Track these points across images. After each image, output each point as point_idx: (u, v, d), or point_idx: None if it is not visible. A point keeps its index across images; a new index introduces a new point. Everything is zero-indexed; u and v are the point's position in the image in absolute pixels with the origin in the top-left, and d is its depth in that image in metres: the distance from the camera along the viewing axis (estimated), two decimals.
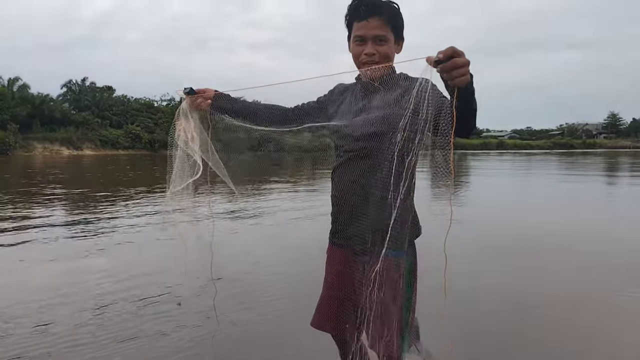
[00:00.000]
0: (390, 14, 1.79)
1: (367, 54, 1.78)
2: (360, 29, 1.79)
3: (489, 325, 3.49)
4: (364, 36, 1.79)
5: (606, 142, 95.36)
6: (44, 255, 5.60)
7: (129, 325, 3.42)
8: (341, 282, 1.89)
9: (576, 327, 3.51)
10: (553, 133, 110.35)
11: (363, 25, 1.78)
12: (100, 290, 4.21)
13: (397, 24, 1.82)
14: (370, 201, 1.71)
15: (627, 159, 39.66)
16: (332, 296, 1.95)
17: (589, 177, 20.11)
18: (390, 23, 1.79)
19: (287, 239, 6.78)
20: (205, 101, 1.96)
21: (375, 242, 1.60)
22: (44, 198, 11.13)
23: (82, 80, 61.53)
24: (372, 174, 1.70)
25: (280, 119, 2.00)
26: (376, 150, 1.69)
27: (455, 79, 1.36)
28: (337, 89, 2.02)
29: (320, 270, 2.10)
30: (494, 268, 5.12)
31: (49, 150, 50.02)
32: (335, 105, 1.96)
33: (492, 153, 61.12)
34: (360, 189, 1.76)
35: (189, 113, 1.96)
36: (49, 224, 7.64)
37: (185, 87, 1.95)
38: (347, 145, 1.82)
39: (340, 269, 1.90)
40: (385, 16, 1.77)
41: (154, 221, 7.97)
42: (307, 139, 2.00)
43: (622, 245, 6.34)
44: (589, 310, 3.87)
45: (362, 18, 1.78)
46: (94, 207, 9.66)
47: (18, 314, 3.62)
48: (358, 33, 1.80)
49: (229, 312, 3.63)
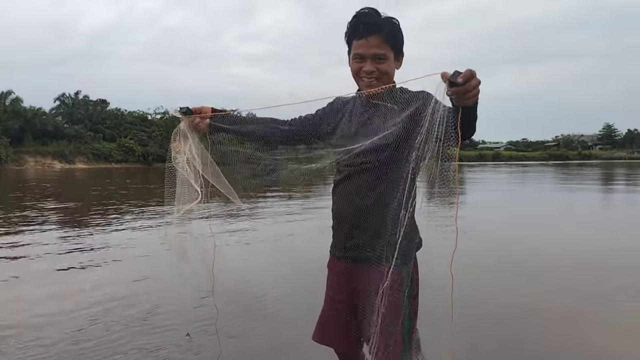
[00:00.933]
0: (390, 31, 1.78)
1: (367, 71, 1.79)
2: (359, 47, 1.79)
3: (490, 336, 3.50)
4: (363, 54, 1.79)
5: (601, 153, 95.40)
6: (36, 273, 5.42)
7: (125, 341, 3.35)
8: (341, 295, 1.91)
9: (575, 340, 3.44)
10: (549, 144, 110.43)
11: (362, 43, 1.78)
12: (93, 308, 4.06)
13: (397, 41, 1.82)
14: (371, 216, 1.74)
15: (623, 170, 39.43)
16: (333, 309, 1.96)
17: (585, 188, 19.81)
18: (390, 41, 1.78)
19: (286, 252, 6.67)
20: (203, 121, 1.93)
21: (377, 255, 1.65)
22: (34, 213, 10.83)
23: (76, 94, 61.33)
24: (373, 189, 1.73)
25: (279, 134, 2.00)
26: (379, 165, 1.71)
27: (466, 100, 1.37)
28: (336, 103, 2.00)
29: (318, 282, 2.16)
30: (494, 278, 5.14)
31: (40, 163, 49.59)
32: (334, 120, 1.95)
33: (488, 165, 60.97)
34: (361, 202, 1.78)
35: (188, 134, 1.93)
36: (39, 243, 7.27)
37: (182, 107, 1.91)
38: (349, 159, 1.81)
39: (340, 282, 1.92)
40: (384, 34, 1.76)
41: (151, 238, 7.70)
42: (301, 152, 2.00)
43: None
44: (592, 324, 3.79)
45: (361, 36, 1.77)
46: (86, 224, 9.31)
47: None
48: (357, 51, 1.80)
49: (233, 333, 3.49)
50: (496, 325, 3.71)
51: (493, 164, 63.23)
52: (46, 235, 7.85)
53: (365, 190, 1.77)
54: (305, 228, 8.49)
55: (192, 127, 1.94)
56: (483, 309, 3.99)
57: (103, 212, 11.20)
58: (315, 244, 6.27)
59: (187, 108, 1.92)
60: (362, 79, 1.83)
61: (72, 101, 60.57)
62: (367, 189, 1.76)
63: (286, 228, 8.55)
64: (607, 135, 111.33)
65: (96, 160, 54.46)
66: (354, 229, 1.82)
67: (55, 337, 3.43)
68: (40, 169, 46.53)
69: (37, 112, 54.55)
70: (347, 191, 1.84)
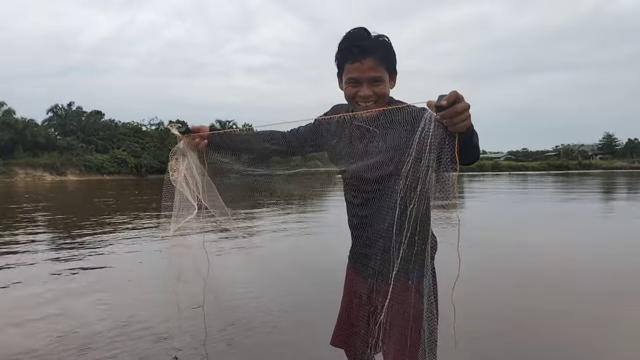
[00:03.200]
0: (383, 52, 1.71)
1: (363, 96, 1.72)
2: (353, 71, 1.72)
3: (494, 345, 3.55)
4: (358, 78, 1.72)
5: (602, 163, 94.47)
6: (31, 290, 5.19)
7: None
8: (355, 301, 1.93)
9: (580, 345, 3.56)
10: (549, 154, 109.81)
11: (356, 67, 1.70)
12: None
13: (390, 60, 1.75)
14: (379, 239, 1.71)
15: (623, 179, 38.76)
16: (347, 315, 1.99)
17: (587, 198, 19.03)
18: (384, 62, 1.71)
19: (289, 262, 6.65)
20: (202, 140, 1.94)
21: (382, 271, 1.67)
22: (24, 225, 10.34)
23: (69, 105, 60.82)
24: (379, 215, 1.70)
25: (269, 152, 2.05)
26: (380, 194, 1.69)
27: (457, 125, 1.34)
28: (336, 112, 1.94)
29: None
30: (496, 288, 5.15)
31: (31, 175, 49.03)
32: (333, 136, 1.92)
33: (487, 175, 60.42)
34: (368, 226, 1.79)
35: (187, 152, 1.94)
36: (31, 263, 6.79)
37: (180, 126, 1.92)
38: (355, 187, 1.83)
39: (355, 288, 1.94)
40: (378, 56, 1.69)
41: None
42: (297, 162, 2.04)
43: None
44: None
45: (355, 59, 1.70)
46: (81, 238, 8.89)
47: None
48: (352, 75, 1.72)
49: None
50: (498, 332, 3.80)
51: (487, 175, 62.53)
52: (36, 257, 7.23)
53: (371, 218, 1.76)
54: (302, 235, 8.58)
55: (192, 146, 1.95)
56: (487, 318, 4.09)
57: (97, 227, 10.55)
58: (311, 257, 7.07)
59: (186, 127, 1.92)
60: (358, 103, 1.75)
61: (65, 112, 59.96)
62: (372, 217, 1.76)
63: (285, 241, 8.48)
64: (608, 145, 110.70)
65: (88, 172, 53.86)
66: (362, 243, 1.84)
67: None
68: (31, 181, 45.93)
69: (28, 123, 53.97)
70: (354, 211, 1.87)
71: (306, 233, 9.27)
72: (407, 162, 1.48)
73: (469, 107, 1.33)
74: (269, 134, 2.07)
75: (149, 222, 11.33)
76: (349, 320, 1.95)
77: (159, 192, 1.95)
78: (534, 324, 3.98)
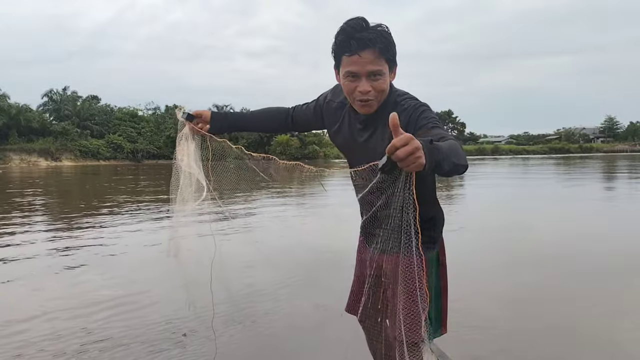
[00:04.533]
0: (383, 44, 1.61)
1: (362, 91, 1.65)
2: (351, 64, 1.64)
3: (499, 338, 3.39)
4: (357, 72, 1.64)
5: (603, 146, 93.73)
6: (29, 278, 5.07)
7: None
8: (363, 269, 1.95)
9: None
10: (550, 138, 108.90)
11: (355, 60, 1.62)
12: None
13: (391, 52, 1.66)
14: (379, 219, 1.67)
15: (624, 162, 38.29)
16: (358, 283, 2.03)
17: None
18: (384, 54, 1.62)
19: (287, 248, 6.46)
20: (205, 125, 2.01)
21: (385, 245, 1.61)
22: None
23: (64, 89, 59.93)
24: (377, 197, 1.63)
25: (281, 126, 2.14)
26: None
27: (407, 167, 1.26)
28: (337, 94, 1.90)
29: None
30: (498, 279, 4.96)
31: (26, 161, 48.58)
32: (334, 121, 1.92)
33: (486, 159, 59.95)
34: (369, 204, 1.75)
35: (190, 137, 2.01)
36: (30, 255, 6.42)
37: (184, 112, 1.98)
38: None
39: (363, 257, 1.98)
40: (378, 48, 1.60)
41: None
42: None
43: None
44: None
45: (353, 52, 1.61)
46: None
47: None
48: (350, 69, 1.64)
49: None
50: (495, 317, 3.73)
51: (483, 158, 62.01)
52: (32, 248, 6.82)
53: (369, 203, 1.72)
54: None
55: (195, 131, 2.01)
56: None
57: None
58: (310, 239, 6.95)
59: (189, 114, 1.99)
60: (357, 100, 1.68)
61: (60, 97, 59.18)
62: (370, 203, 1.71)
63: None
64: (609, 128, 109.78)
65: (83, 157, 53.37)
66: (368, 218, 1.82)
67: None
68: (26, 167, 45.49)
69: (21, 108, 53.26)
70: (359, 198, 1.87)
71: (311, 214, 9.35)
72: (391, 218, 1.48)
73: (411, 151, 1.22)
74: (274, 112, 2.12)
75: (152, 205, 11.41)
76: (360, 288, 1.98)
77: (159, 177, 1.68)
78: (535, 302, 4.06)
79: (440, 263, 1.91)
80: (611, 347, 3.19)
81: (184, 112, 1.98)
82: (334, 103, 1.91)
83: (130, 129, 58.80)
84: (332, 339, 3.14)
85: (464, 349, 3.01)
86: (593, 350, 3.18)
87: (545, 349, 3.14)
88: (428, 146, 1.28)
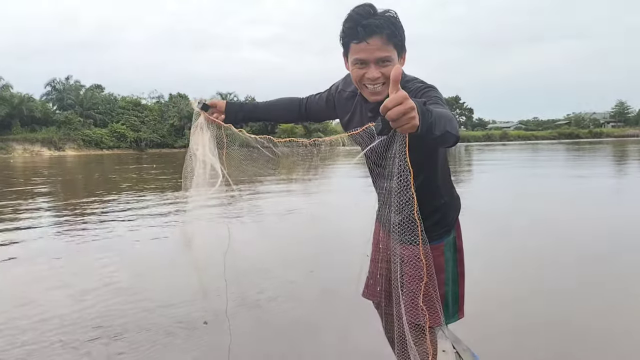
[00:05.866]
0: (391, 30, 1.61)
1: (371, 78, 1.65)
2: (359, 51, 1.63)
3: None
4: (365, 59, 1.64)
5: (613, 131, 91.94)
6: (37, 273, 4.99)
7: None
8: (378, 254, 1.94)
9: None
10: (560, 123, 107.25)
11: (363, 47, 1.62)
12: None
13: (399, 38, 1.64)
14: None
15: (632, 147, 37.43)
16: (374, 268, 2.01)
17: None
18: (392, 40, 1.61)
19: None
20: (220, 115, 2.02)
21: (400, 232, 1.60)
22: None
23: (66, 79, 59.61)
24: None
25: (294, 115, 2.17)
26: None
27: (403, 127, 1.25)
28: (348, 84, 1.90)
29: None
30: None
31: (29, 151, 48.55)
32: (345, 111, 1.93)
33: (494, 144, 59.23)
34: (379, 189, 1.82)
35: (205, 127, 2.02)
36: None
37: (199, 102, 2.00)
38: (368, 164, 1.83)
39: (378, 241, 1.96)
40: (386, 34, 1.60)
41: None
42: (299, 135, 1.16)
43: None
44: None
45: (361, 39, 1.61)
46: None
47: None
48: (358, 56, 1.64)
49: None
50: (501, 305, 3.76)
51: (495, 144, 61.37)
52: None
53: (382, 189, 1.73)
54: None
55: (211, 121, 2.00)
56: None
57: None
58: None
59: (204, 104, 1.99)
60: (366, 86, 1.69)
61: (62, 86, 58.90)
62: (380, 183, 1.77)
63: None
64: (620, 113, 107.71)
65: (87, 146, 53.23)
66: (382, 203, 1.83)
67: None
68: (29, 156, 45.44)
69: (24, 98, 52.99)
70: (374, 185, 1.92)
71: (324, 202, 9.33)
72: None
73: (404, 111, 1.20)
74: (288, 102, 2.15)
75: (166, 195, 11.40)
76: (375, 274, 1.98)
77: (175, 165, 1.26)
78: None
79: (457, 248, 1.93)
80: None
81: (200, 102, 1.99)
82: (345, 93, 1.92)
83: (134, 117, 58.49)
84: (340, 324, 3.28)
85: (475, 333, 2.94)
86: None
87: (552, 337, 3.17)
88: (422, 107, 1.26)
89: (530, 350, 3.01)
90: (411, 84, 1.71)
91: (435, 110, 1.35)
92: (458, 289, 1.93)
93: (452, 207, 1.93)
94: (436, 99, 1.60)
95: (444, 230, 1.87)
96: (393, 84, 1.20)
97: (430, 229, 1.62)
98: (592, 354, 3.02)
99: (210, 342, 3.16)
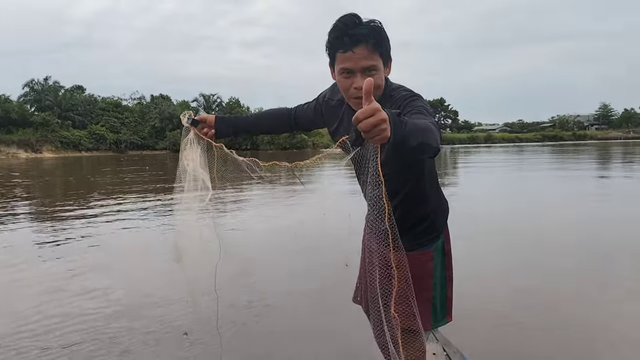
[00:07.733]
0: (376, 39, 1.61)
1: (357, 88, 1.64)
2: (345, 61, 1.63)
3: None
4: (351, 69, 1.64)
5: (597, 134, 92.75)
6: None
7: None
8: (367, 258, 1.95)
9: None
10: (544, 125, 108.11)
11: (349, 56, 1.62)
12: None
13: (384, 47, 1.65)
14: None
15: (616, 149, 37.68)
16: (363, 273, 2.02)
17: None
18: (378, 49, 1.62)
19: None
20: (210, 130, 2.01)
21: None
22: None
23: (45, 79, 58.49)
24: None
25: (283, 126, 2.18)
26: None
27: (374, 138, 1.24)
28: (335, 92, 1.90)
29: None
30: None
31: (4, 153, 47.58)
32: (334, 118, 1.93)
33: (479, 147, 59.48)
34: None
35: (195, 142, 2.02)
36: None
37: (188, 117, 1.97)
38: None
39: (367, 246, 1.96)
40: (371, 43, 1.61)
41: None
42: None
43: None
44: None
45: (347, 49, 1.62)
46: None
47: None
48: (344, 66, 1.64)
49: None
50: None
51: (480, 147, 61.61)
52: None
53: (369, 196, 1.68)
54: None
55: (200, 138, 2.01)
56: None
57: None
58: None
59: (194, 119, 1.97)
60: (352, 97, 1.68)
61: (41, 87, 57.76)
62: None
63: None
64: (604, 115, 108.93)
65: (65, 148, 52.32)
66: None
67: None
68: (5, 159, 44.46)
69: (0, 99, 51.88)
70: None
71: (313, 206, 9.18)
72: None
73: (375, 123, 1.18)
74: (278, 113, 2.18)
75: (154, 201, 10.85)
76: (365, 278, 1.95)
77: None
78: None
79: (445, 252, 1.93)
80: None
81: (189, 118, 1.95)
82: (332, 101, 1.92)
83: (114, 119, 57.64)
84: (333, 330, 3.31)
85: (463, 337, 2.88)
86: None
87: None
88: (395, 119, 1.24)
89: (519, 352, 3.05)
90: (396, 93, 1.70)
91: (411, 121, 1.32)
92: (446, 292, 1.94)
93: (440, 213, 1.94)
94: (420, 108, 1.58)
95: (433, 236, 1.88)
96: (366, 96, 1.18)
97: (419, 236, 1.81)
98: (579, 356, 3.05)
99: (200, 354, 3.11)
